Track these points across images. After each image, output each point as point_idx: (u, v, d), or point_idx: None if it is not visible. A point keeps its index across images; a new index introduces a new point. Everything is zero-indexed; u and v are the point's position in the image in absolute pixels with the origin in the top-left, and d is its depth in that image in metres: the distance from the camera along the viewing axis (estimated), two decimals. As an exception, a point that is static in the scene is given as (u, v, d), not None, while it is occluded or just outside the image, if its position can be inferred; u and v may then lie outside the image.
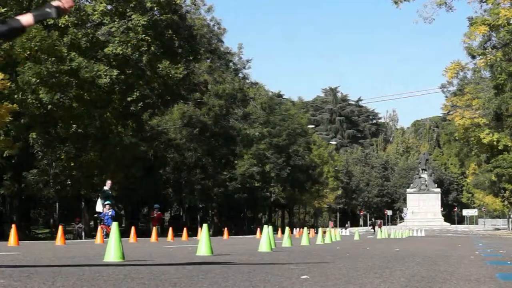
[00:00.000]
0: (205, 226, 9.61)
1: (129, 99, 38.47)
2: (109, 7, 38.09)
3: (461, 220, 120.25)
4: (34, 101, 32.67)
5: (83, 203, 45.42)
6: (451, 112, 61.11)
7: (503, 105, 51.33)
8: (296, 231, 50.94)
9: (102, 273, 4.67)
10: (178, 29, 41.56)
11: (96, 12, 36.56)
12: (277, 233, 34.38)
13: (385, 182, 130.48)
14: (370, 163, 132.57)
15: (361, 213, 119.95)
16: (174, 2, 39.88)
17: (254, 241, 20.77)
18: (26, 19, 5.31)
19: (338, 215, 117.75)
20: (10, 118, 30.22)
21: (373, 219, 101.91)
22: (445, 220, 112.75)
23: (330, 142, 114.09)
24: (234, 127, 61.13)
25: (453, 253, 11.30)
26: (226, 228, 33.07)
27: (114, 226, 7.21)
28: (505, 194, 66.29)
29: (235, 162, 62.40)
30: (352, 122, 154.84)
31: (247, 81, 66.29)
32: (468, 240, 28.57)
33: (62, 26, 34.75)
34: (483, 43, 42.72)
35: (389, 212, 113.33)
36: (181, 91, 47.82)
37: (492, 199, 78.59)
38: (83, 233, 40.88)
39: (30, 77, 31.87)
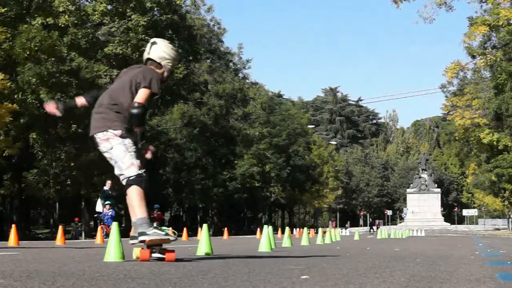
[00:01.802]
0: (205, 226, 9.60)
1: (129, 99, 38.42)
2: (109, 7, 38.15)
3: (461, 220, 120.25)
4: (34, 101, 32.65)
5: (83, 203, 45.43)
6: (451, 112, 61.12)
7: (503, 105, 51.35)
8: (296, 231, 50.91)
9: (102, 273, 4.67)
10: (178, 29, 41.62)
11: (96, 12, 36.62)
12: (277, 233, 34.36)
13: (385, 182, 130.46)
14: (370, 163, 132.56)
15: (361, 213, 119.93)
16: (174, 2, 39.92)
17: (254, 241, 20.76)
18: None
19: (338, 215, 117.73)
20: (10, 118, 30.21)
21: (371, 219, 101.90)
22: (445, 220, 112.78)
23: (330, 142, 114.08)
24: (234, 127, 61.12)
25: (453, 253, 11.30)
26: (226, 228, 33.05)
27: (114, 226, 7.21)
28: (505, 194, 66.30)
29: (235, 162, 62.39)
30: (352, 122, 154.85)
31: (247, 81, 66.28)
32: (468, 240, 28.57)
33: (62, 26, 34.77)
34: (483, 43, 42.76)
35: (389, 212, 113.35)
36: (181, 91, 47.83)
37: (492, 199, 78.58)
38: (82, 233, 40.88)
39: (30, 77, 31.85)
